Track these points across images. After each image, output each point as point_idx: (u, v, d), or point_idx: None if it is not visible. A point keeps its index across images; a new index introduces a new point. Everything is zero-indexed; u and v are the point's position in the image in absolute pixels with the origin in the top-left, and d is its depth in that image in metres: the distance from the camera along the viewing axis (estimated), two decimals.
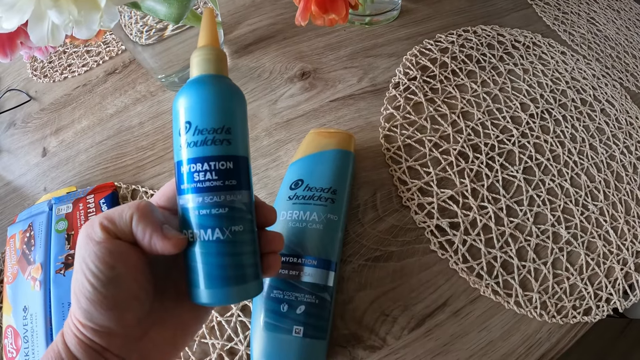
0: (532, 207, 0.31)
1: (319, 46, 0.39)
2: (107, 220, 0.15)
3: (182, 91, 0.17)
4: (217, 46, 0.17)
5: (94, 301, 0.14)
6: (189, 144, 0.16)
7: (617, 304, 0.28)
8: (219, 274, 0.16)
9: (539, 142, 0.34)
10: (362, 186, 0.31)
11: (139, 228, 0.15)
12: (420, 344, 0.26)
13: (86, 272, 0.15)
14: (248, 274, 0.17)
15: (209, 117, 0.16)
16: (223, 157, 0.16)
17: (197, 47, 0.17)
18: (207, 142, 0.16)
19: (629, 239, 0.31)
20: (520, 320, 0.27)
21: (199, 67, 0.17)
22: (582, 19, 0.45)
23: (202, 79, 0.17)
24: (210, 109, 0.16)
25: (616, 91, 0.39)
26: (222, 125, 0.16)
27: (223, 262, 0.16)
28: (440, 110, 0.35)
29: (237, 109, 0.17)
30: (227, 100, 0.17)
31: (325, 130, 0.29)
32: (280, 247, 0.18)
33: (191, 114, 0.16)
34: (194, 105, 0.16)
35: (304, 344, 0.23)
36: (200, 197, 0.16)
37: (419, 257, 0.28)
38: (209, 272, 0.16)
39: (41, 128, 0.39)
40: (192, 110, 0.16)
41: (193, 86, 0.17)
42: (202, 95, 0.16)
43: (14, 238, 0.30)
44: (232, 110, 0.17)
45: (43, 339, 0.26)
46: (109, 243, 0.15)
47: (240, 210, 0.16)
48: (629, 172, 0.34)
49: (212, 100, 0.16)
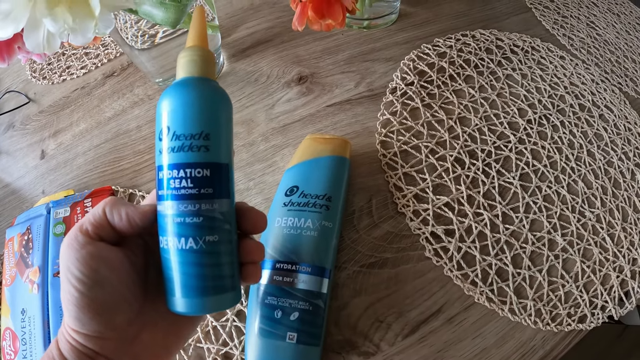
0: (528, 214, 0.31)
1: (316, 50, 0.39)
2: (86, 222, 0.16)
3: (164, 94, 0.16)
4: (204, 46, 0.17)
5: (81, 307, 0.15)
6: (168, 149, 0.16)
7: (612, 312, 0.28)
8: (193, 283, 0.16)
9: (536, 148, 0.34)
10: (357, 192, 0.31)
11: (114, 214, 0.16)
12: (414, 351, 0.26)
13: (71, 278, 0.15)
14: (224, 285, 0.16)
15: (187, 122, 0.16)
16: (199, 165, 0.16)
17: (184, 48, 0.17)
18: (184, 148, 0.15)
19: (625, 246, 0.31)
20: (514, 328, 0.27)
21: (183, 69, 0.16)
22: (581, 22, 0.45)
23: (184, 81, 0.16)
24: (188, 113, 0.16)
25: (615, 96, 0.39)
26: (201, 131, 0.16)
27: (197, 271, 0.16)
28: (437, 116, 0.35)
29: (219, 113, 0.16)
30: (208, 105, 0.16)
31: (321, 136, 0.30)
32: (260, 257, 0.18)
33: (170, 118, 0.16)
34: (173, 109, 0.16)
35: (297, 350, 0.23)
36: (175, 204, 0.16)
37: (413, 263, 0.28)
38: (184, 281, 0.16)
39: (40, 130, 0.39)
40: (172, 115, 0.16)
41: (175, 89, 0.16)
42: (182, 98, 0.16)
43: (12, 241, 0.31)
44: (212, 115, 0.16)
45: (41, 341, 0.27)
46: (90, 246, 0.15)
47: (217, 220, 0.16)
48: (626, 179, 0.34)
49: (191, 104, 0.16)
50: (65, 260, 0.15)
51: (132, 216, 0.16)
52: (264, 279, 0.24)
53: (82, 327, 0.15)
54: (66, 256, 0.15)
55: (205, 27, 0.18)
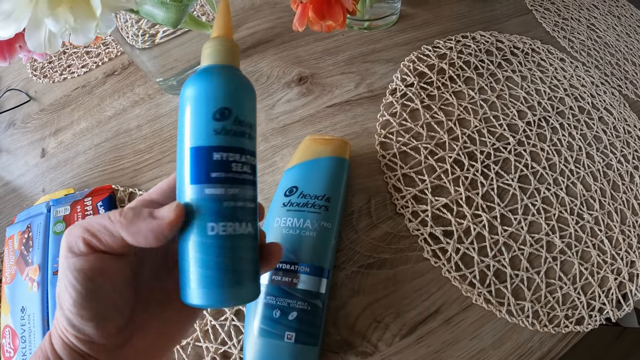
0: (526, 215, 0.31)
1: (316, 51, 0.39)
2: (90, 234, 0.15)
3: (214, 74, 0.16)
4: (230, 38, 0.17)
5: (74, 312, 0.15)
6: (227, 132, 0.15)
7: (610, 314, 0.28)
8: (240, 268, 0.15)
9: (535, 150, 0.34)
10: (356, 193, 0.31)
11: (135, 238, 0.15)
12: (411, 351, 0.26)
13: (66, 283, 0.15)
14: (249, 276, 0.16)
15: (247, 110, 0.16)
16: (253, 153, 0.16)
17: (220, 37, 0.17)
18: (245, 135, 0.16)
19: (623, 249, 0.31)
20: (512, 329, 0.27)
21: (231, 57, 0.16)
22: (582, 25, 0.45)
23: (235, 70, 0.16)
24: (249, 103, 0.16)
25: (615, 99, 0.39)
26: (252, 122, 0.16)
27: (243, 257, 0.16)
28: (436, 117, 0.35)
29: (255, 107, 0.18)
30: (254, 99, 0.17)
31: (321, 137, 0.30)
32: (278, 258, 0.18)
33: (234, 101, 0.15)
34: (234, 93, 0.16)
35: (295, 349, 0.23)
36: (234, 188, 0.15)
37: (412, 264, 0.28)
38: (220, 271, 0.15)
39: (40, 129, 0.39)
40: (235, 98, 0.16)
41: (233, 73, 0.16)
42: (243, 86, 0.16)
43: (12, 239, 0.31)
44: (254, 109, 0.17)
45: (40, 339, 0.27)
46: (91, 258, 0.15)
47: (255, 209, 0.17)
48: (625, 181, 0.34)
49: (251, 94, 0.16)
50: (64, 261, 0.15)
51: (160, 231, 0.15)
52: (263, 279, 0.25)
53: (72, 327, 0.15)
54: (64, 258, 0.15)
55: (231, 17, 0.18)
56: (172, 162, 0.34)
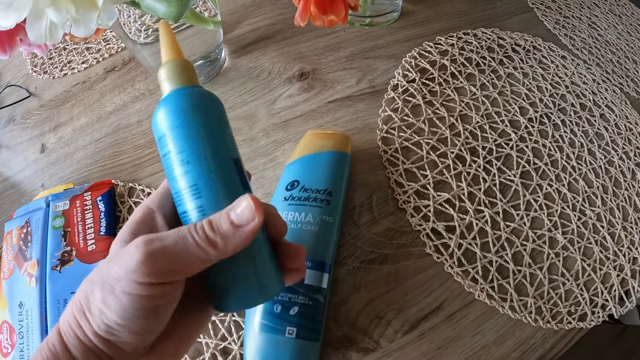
0: (528, 211, 0.31)
1: (318, 47, 0.39)
2: (169, 273, 0.14)
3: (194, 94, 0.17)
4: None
5: (121, 324, 0.14)
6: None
7: (612, 310, 0.28)
8: (263, 270, 0.16)
9: (537, 146, 0.34)
10: (358, 188, 0.31)
11: (226, 255, 0.15)
12: (413, 347, 0.26)
13: (125, 302, 0.13)
14: (275, 268, 0.17)
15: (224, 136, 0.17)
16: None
17: (170, 61, 0.17)
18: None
19: (625, 245, 0.31)
20: (514, 325, 0.27)
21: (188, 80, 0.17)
22: (583, 23, 0.45)
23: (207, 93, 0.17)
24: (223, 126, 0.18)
25: (616, 96, 0.39)
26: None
27: (261, 258, 0.16)
28: (438, 113, 0.35)
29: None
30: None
31: (323, 132, 0.29)
32: (302, 260, 0.18)
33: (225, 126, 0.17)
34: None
35: (297, 345, 0.23)
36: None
37: (414, 260, 0.28)
38: (252, 277, 0.16)
39: (40, 124, 0.39)
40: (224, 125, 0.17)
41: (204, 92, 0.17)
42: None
43: (10, 234, 0.31)
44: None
45: (38, 335, 0.26)
46: (167, 288, 0.14)
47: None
48: (627, 178, 0.34)
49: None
50: (128, 283, 0.13)
51: (250, 237, 0.15)
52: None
53: (109, 336, 0.14)
54: (132, 282, 0.13)
55: (174, 38, 0.18)
56: None
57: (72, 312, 0.15)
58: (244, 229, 0.15)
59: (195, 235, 0.14)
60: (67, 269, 0.28)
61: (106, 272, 0.14)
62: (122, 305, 0.14)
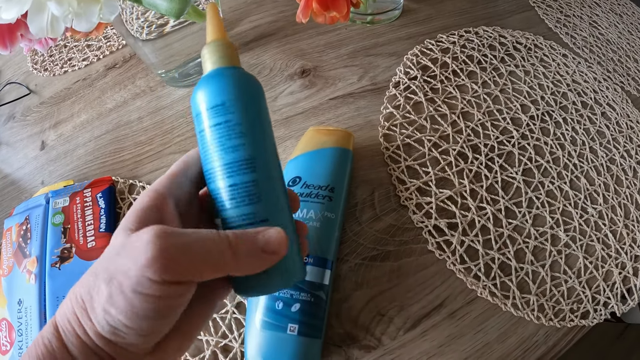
0: (531, 209, 0.31)
1: (319, 44, 0.39)
2: (185, 272, 0.13)
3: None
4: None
5: (128, 325, 0.13)
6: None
7: (614, 308, 0.28)
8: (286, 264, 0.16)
9: (539, 144, 0.34)
10: (360, 185, 0.31)
11: (242, 272, 0.14)
12: (415, 345, 0.25)
13: (134, 301, 0.12)
14: (298, 250, 0.18)
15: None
16: None
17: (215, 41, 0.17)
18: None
19: (627, 243, 0.30)
20: (517, 323, 0.27)
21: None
22: (584, 22, 0.45)
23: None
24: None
25: (617, 95, 0.39)
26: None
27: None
28: (440, 110, 0.35)
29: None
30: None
31: (324, 128, 0.29)
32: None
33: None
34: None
35: (298, 342, 0.23)
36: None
37: (416, 257, 0.28)
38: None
39: (40, 121, 0.39)
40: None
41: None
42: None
43: (10, 231, 0.30)
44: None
45: (37, 332, 0.26)
46: (180, 289, 0.13)
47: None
48: (628, 176, 0.34)
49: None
50: (138, 279, 0.12)
51: (270, 263, 0.15)
52: None
53: (114, 337, 0.13)
54: (142, 279, 0.12)
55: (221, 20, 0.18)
56: (172, 154, 0.34)
57: (71, 308, 0.14)
58: (267, 257, 0.14)
59: (220, 246, 0.14)
60: (67, 266, 0.28)
61: (113, 266, 0.13)
62: (131, 306, 0.12)
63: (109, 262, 0.13)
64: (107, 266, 0.13)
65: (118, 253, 0.13)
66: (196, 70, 0.37)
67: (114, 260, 0.13)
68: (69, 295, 0.14)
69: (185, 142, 0.34)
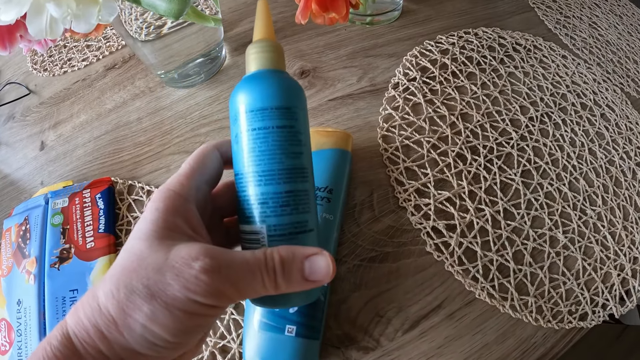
0: (529, 210, 0.31)
1: (319, 45, 0.39)
2: (230, 299, 0.13)
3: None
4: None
5: (174, 342, 0.13)
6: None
7: (613, 310, 0.28)
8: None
9: (538, 145, 0.34)
10: (358, 186, 0.31)
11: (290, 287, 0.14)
12: (414, 346, 0.25)
13: (184, 319, 0.13)
14: None
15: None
16: None
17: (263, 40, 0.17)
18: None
19: (626, 245, 0.30)
20: (515, 324, 0.27)
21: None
22: (584, 23, 0.45)
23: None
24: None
25: (617, 96, 0.39)
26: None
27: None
28: (439, 112, 0.35)
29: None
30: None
31: (323, 129, 0.29)
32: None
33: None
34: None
35: (296, 343, 0.23)
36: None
37: (414, 258, 0.28)
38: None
39: (40, 122, 0.39)
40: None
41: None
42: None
43: (9, 231, 0.30)
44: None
45: (36, 332, 0.26)
46: (218, 311, 0.14)
47: None
48: (627, 178, 0.34)
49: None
50: (182, 301, 0.13)
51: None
52: None
53: (151, 351, 0.13)
54: (187, 301, 0.13)
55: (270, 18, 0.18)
56: (171, 154, 0.34)
57: (93, 320, 0.13)
58: (309, 284, 0.14)
59: (264, 276, 0.14)
60: (66, 266, 0.28)
61: (155, 284, 0.13)
62: (177, 323, 0.13)
63: (149, 279, 0.13)
64: (146, 283, 0.13)
65: (159, 270, 0.13)
66: (195, 71, 0.37)
67: (155, 277, 0.13)
68: (87, 305, 0.13)
69: (185, 142, 0.34)
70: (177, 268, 0.13)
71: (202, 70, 0.37)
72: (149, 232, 0.14)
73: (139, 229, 0.14)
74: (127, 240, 0.15)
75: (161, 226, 0.14)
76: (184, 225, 0.14)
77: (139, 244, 0.14)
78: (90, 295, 0.14)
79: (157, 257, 0.13)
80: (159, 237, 0.14)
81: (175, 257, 0.13)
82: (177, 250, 0.13)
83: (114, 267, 0.14)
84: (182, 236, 0.14)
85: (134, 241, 0.14)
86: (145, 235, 0.14)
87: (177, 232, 0.14)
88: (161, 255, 0.13)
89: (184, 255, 0.13)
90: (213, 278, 0.13)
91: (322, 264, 0.14)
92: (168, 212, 0.14)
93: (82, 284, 0.27)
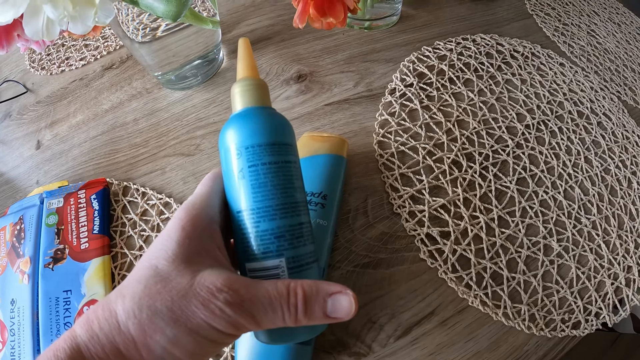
0: (524, 218, 0.31)
1: (316, 49, 0.39)
2: (249, 329, 0.14)
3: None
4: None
5: (187, 356, 0.14)
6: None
7: (606, 319, 0.28)
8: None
9: (533, 153, 0.34)
10: (353, 192, 0.31)
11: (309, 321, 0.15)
12: (406, 353, 0.25)
13: (208, 347, 0.14)
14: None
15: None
16: None
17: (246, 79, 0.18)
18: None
19: (620, 254, 0.31)
20: (508, 332, 0.27)
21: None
22: (582, 31, 0.45)
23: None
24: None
25: (613, 104, 0.39)
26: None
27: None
28: (435, 118, 0.35)
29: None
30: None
31: (319, 134, 0.29)
32: None
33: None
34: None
35: (289, 349, 0.23)
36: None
37: (408, 265, 0.28)
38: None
39: (36, 121, 0.39)
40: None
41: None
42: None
43: (4, 230, 0.30)
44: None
45: (29, 332, 0.26)
46: (231, 342, 0.15)
47: None
48: (623, 187, 0.34)
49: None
50: (207, 327, 0.13)
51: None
52: None
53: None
54: (209, 329, 0.13)
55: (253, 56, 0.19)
56: (167, 156, 0.34)
57: (111, 337, 0.13)
58: (329, 321, 0.15)
59: (285, 312, 0.14)
60: (60, 267, 0.28)
61: (180, 309, 0.13)
62: (198, 348, 0.13)
63: (173, 304, 0.13)
64: (170, 307, 0.13)
65: (184, 296, 0.13)
66: (193, 73, 0.37)
67: (180, 302, 0.13)
68: (104, 320, 0.13)
69: (180, 145, 0.34)
70: (202, 297, 0.13)
71: (200, 72, 0.37)
72: (175, 254, 0.14)
73: (164, 247, 0.14)
74: (149, 254, 0.15)
75: (187, 249, 0.14)
76: (210, 246, 0.15)
77: (165, 265, 0.14)
78: (107, 309, 0.14)
79: (182, 281, 0.14)
80: (185, 260, 0.14)
81: (200, 285, 0.13)
82: (202, 277, 0.14)
83: (134, 283, 0.14)
84: (206, 259, 0.15)
85: (159, 261, 0.14)
86: (171, 257, 0.14)
87: (202, 256, 0.14)
88: (186, 280, 0.14)
89: (209, 285, 0.13)
90: (235, 311, 0.13)
91: (345, 303, 0.15)
92: (195, 234, 0.15)
93: (75, 285, 0.27)
